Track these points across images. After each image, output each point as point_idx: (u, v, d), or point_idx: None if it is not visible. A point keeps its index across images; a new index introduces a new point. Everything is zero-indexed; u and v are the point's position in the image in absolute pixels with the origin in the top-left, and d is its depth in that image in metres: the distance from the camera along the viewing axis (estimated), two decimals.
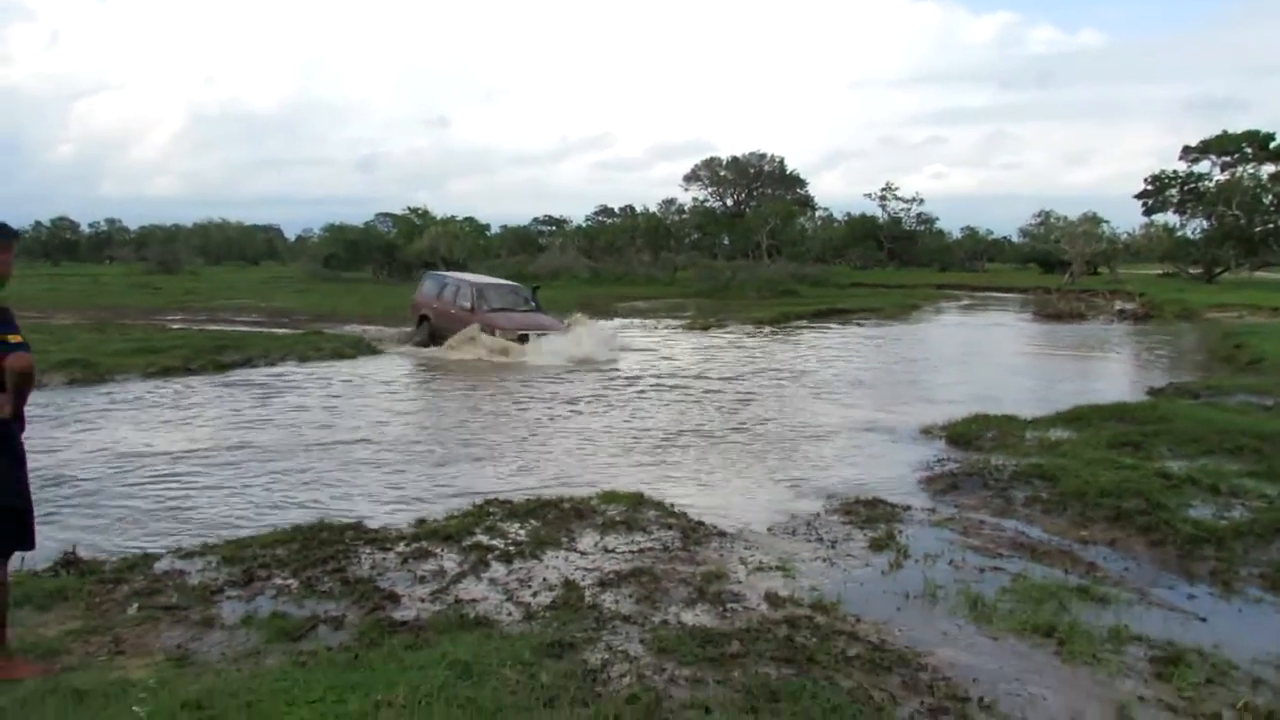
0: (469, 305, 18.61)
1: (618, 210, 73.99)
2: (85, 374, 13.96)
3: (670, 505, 7.15)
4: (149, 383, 13.93)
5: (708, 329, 25.84)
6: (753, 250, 60.00)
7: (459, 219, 58.19)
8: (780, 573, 5.70)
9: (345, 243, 51.07)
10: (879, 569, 5.87)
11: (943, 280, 55.72)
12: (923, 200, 74.63)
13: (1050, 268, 58.50)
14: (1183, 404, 11.69)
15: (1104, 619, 4.97)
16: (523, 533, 6.39)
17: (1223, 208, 48.39)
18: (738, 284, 42.37)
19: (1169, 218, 55.14)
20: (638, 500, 7.19)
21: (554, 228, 75.85)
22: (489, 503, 7.15)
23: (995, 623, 4.90)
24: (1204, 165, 53.30)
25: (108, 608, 4.96)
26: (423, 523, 6.66)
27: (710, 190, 73.22)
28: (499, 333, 17.48)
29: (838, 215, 74.35)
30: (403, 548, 6.01)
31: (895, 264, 68.48)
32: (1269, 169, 49.84)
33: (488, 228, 66.37)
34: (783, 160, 72.86)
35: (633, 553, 5.99)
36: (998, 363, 19.29)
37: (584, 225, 71.05)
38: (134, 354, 15.77)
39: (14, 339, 3.85)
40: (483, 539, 6.22)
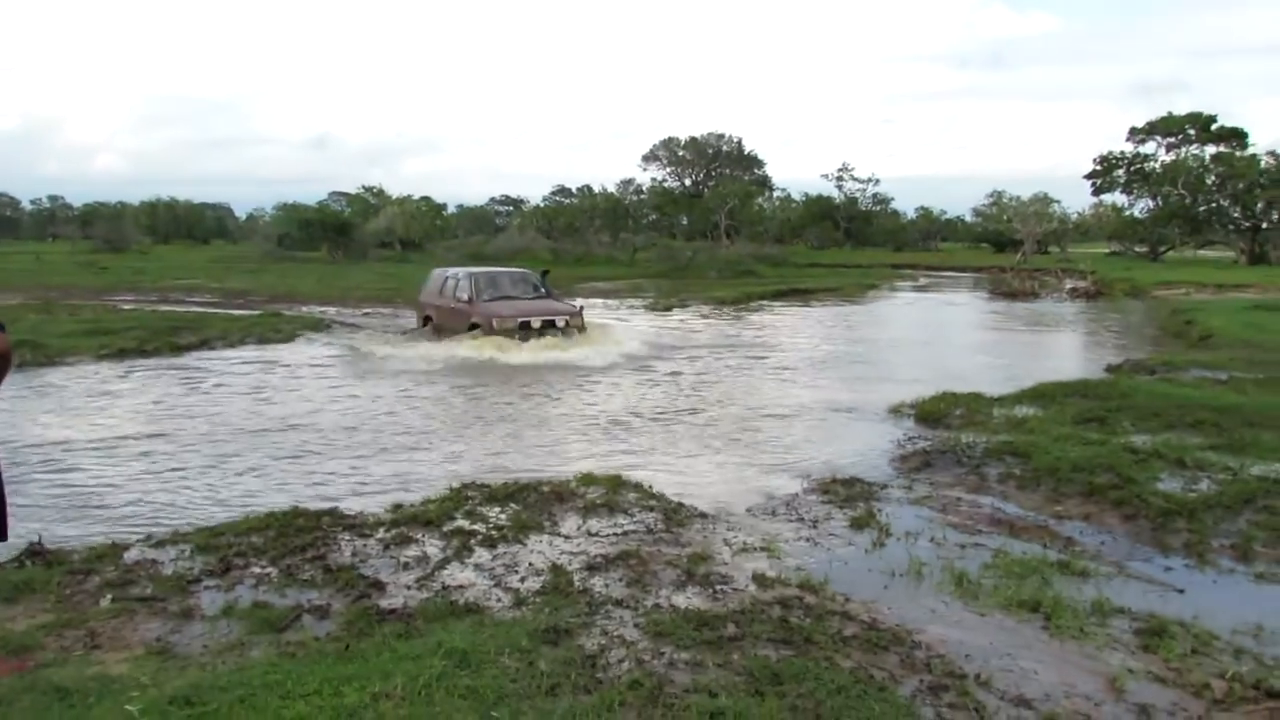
0: (466, 297, 16.50)
1: (575, 190, 73.62)
2: (35, 356, 13.50)
3: (649, 487, 7.12)
4: (102, 365, 13.52)
5: (669, 309, 25.82)
6: (711, 231, 60.09)
7: (415, 198, 57.37)
8: (765, 553, 5.71)
9: (299, 222, 50.10)
10: (862, 548, 5.90)
11: (898, 260, 56.40)
12: (878, 180, 75.39)
13: (1002, 247, 59.48)
14: (1141, 380, 11.94)
15: (1086, 593, 5.05)
16: (503, 517, 6.31)
17: (1168, 188, 49.52)
18: (697, 265, 42.43)
19: (1117, 197, 56.39)
20: (617, 483, 7.14)
21: (511, 208, 75.26)
22: (466, 486, 7.05)
23: (981, 599, 4.95)
24: (1150, 146, 54.58)
25: (79, 600, 4.80)
26: (400, 508, 6.54)
27: (669, 170, 73.18)
28: (497, 323, 15.51)
29: (795, 196, 74.70)
30: (383, 534, 5.91)
31: (851, 244, 69.09)
32: (1211, 150, 51.10)
33: (444, 207, 65.63)
34: (741, 141, 73.03)
35: (617, 535, 5.95)
36: (958, 341, 19.55)
37: (542, 205, 70.53)
38: (85, 335, 15.32)
39: None
40: (464, 524, 6.13)
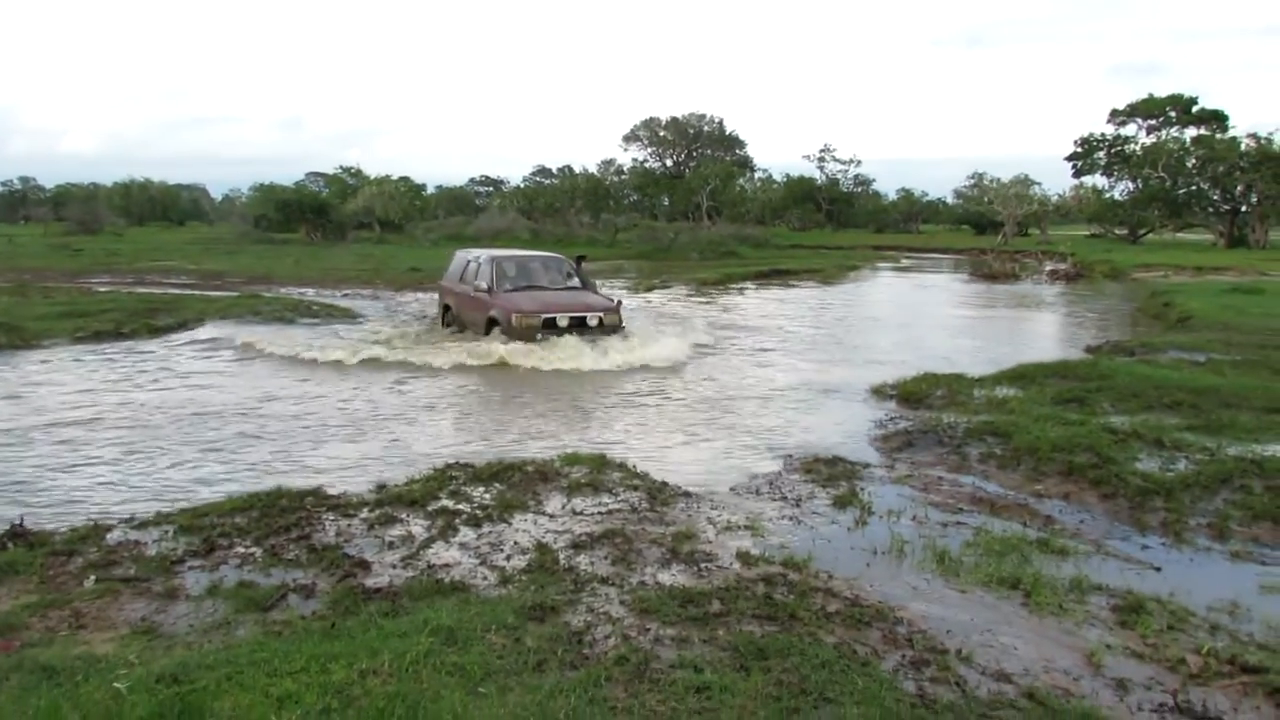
0: (486, 285, 14.04)
1: (556, 171, 73.22)
2: (10, 339, 13.33)
3: (633, 467, 7.14)
4: (79, 348, 13.37)
5: (651, 290, 25.80)
6: (693, 211, 59.99)
7: (394, 179, 56.87)
8: (749, 532, 5.75)
9: (276, 203, 49.57)
10: (845, 526, 5.95)
11: (879, 241, 56.53)
12: (860, 162, 75.47)
13: (983, 229, 59.80)
14: (1120, 361, 12.06)
15: (1065, 570, 5.13)
16: (488, 496, 6.31)
17: (1148, 170, 49.80)
18: (679, 246, 42.32)
19: (1097, 180, 56.66)
20: (601, 462, 7.16)
21: (491, 188, 74.79)
22: (450, 466, 7.05)
23: (962, 576, 5.02)
24: (1131, 128, 54.82)
25: (63, 581, 4.78)
26: (383, 488, 6.54)
27: (650, 151, 72.84)
28: (517, 319, 13.01)
29: (777, 177, 74.63)
30: (367, 514, 5.90)
31: (833, 226, 69.16)
32: (1191, 132, 51.43)
33: (423, 188, 65.08)
34: (722, 121, 72.77)
35: (601, 514, 5.97)
36: (940, 322, 19.66)
37: (522, 186, 70.11)
38: (61, 318, 15.12)
39: None
40: (448, 503, 6.14)
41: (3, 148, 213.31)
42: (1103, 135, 55.63)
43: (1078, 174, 57.16)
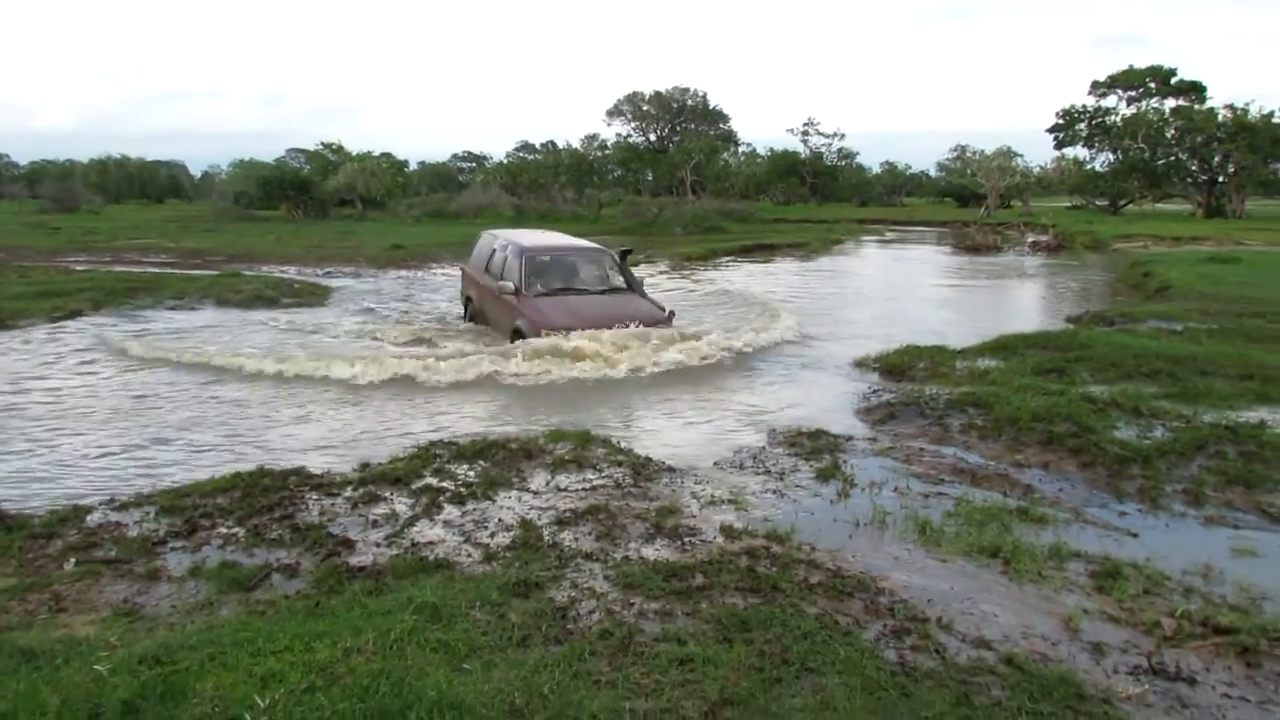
0: (513, 285, 11.75)
1: (539, 146, 72.67)
2: None
3: (617, 443, 7.16)
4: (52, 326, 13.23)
5: (636, 265, 25.73)
6: (677, 186, 59.75)
7: (375, 155, 56.34)
8: (732, 505, 5.78)
9: (257, 179, 49.05)
10: (828, 498, 5.99)
11: (863, 215, 56.44)
12: (844, 135, 75.18)
13: (966, 202, 59.82)
14: (1099, 331, 12.16)
15: (1044, 538, 5.19)
16: (472, 474, 6.32)
17: (1128, 141, 49.94)
18: (664, 221, 42.16)
19: (1079, 151, 56.76)
20: (585, 438, 7.17)
21: (474, 164, 74.20)
22: (434, 444, 7.05)
23: (944, 546, 5.07)
24: (1111, 100, 54.90)
25: (42, 564, 4.76)
26: (367, 466, 6.55)
27: (633, 125, 72.39)
28: (548, 334, 10.63)
29: (761, 151, 74.33)
30: (350, 492, 5.90)
31: (817, 199, 69.04)
32: (1170, 103, 51.57)
33: (405, 164, 64.51)
34: (705, 95, 72.35)
35: (586, 490, 5.99)
36: (923, 295, 19.72)
37: (505, 161, 69.55)
38: (38, 297, 14.94)
39: None
40: (432, 481, 6.14)
41: None
42: (1084, 107, 55.72)
43: (1059, 145, 57.24)
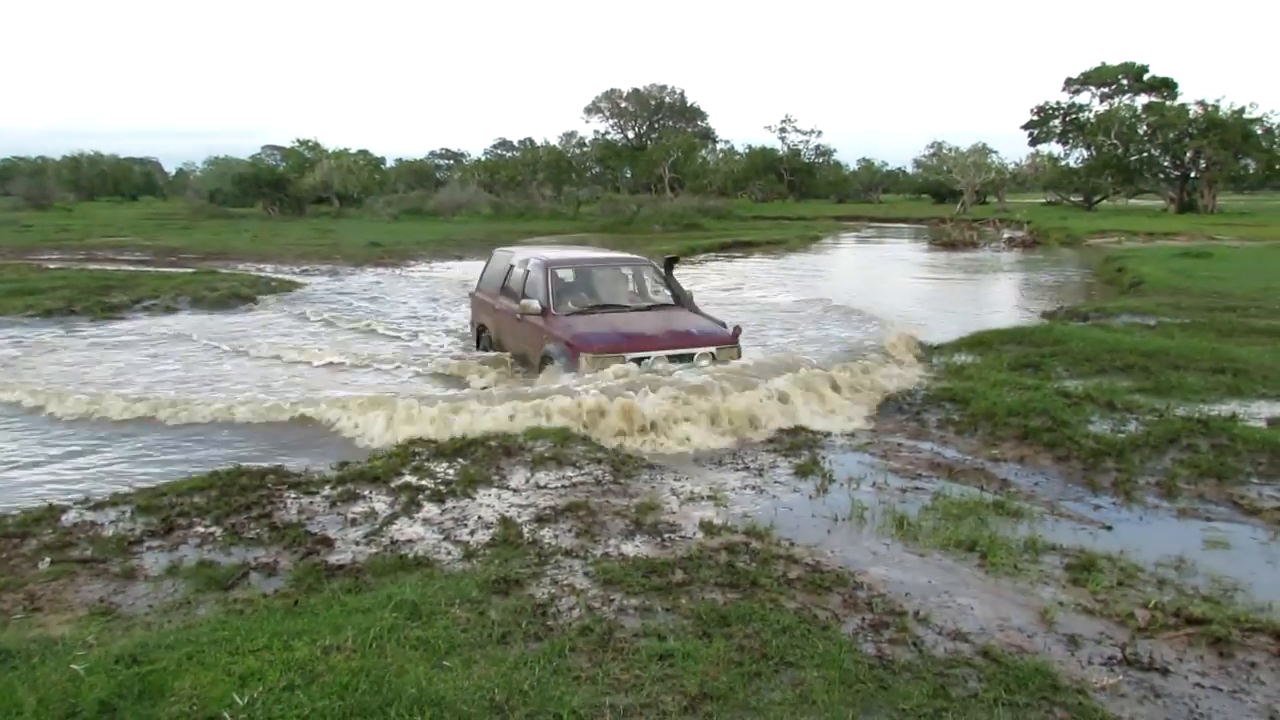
0: (539, 304, 9.57)
1: (517, 143, 72.47)
2: None
3: (597, 440, 7.15)
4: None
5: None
6: (655, 183, 59.80)
7: (352, 152, 55.99)
8: (712, 502, 5.80)
9: (232, 177, 48.64)
10: (806, 494, 6.02)
11: (841, 212, 56.81)
12: (820, 132, 75.45)
13: (942, 198, 60.36)
14: (1074, 326, 12.30)
15: (1020, 531, 5.25)
16: (451, 472, 6.30)
17: (1102, 137, 50.48)
18: (642, 218, 42.22)
19: (1053, 147, 57.32)
20: (564, 435, 7.15)
21: (452, 161, 73.90)
22: (413, 442, 7.02)
23: (921, 540, 5.11)
24: (1085, 96, 55.47)
25: (16, 563, 4.71)
26: (346, 465, 6.51)
27: (611, 123, 72.30)
28: (588, 361, 8.52)
29: (739, 148, 74.52)
30: (329, 491, 5.87)
31: (794, 196, 69.32)
32: (1143, 99, 52.17)
33: (383, 161, 64.17)
34: (683, 92, 72.40)
35: (565, 487, 5.98)
36: (900, 290, 19.87)
37: (483, 159, 69.33)
38: (9, 296, 14.77)
39: None
40: (411, 479, 6.11)
41: None
42: (1058, 103, 56.29)
43: (1034, 142, 57.82)
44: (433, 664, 3.44)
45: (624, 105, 71.50)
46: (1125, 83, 53.14)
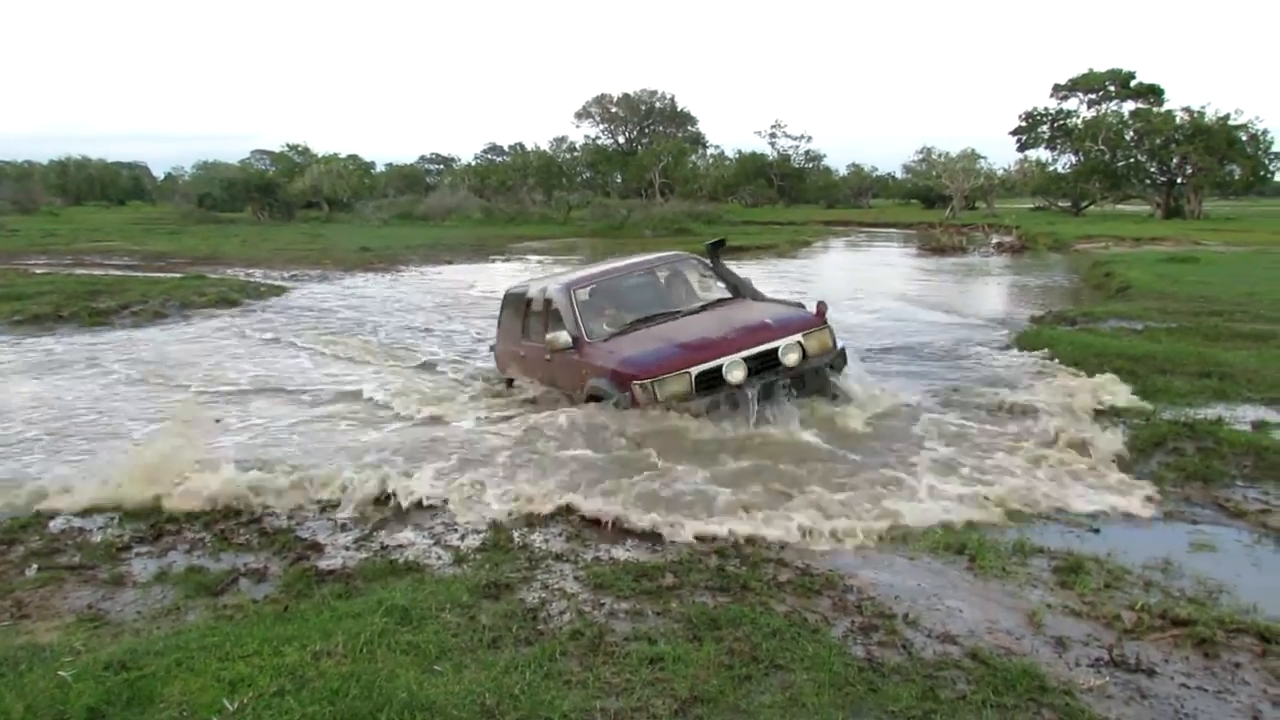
0: (569, 335, 7.88)
1: (507, 148, 72.51)
2: None
3: None
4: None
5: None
6: (646, 188, 59.89)
7: (342, 156, 55.93)
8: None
9: (221, 181, 48.54)
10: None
11: (831, 217, 56.91)
12: (810, 138, 75.73)
13: (932, 203, 60.51)
14: (1062, 330, 12.37)
15: (1008, 535, 5.27)
16: None
17: (1089, 143, 50.78)
18: (633, 223, 42.31)
19: (1041, 153, 57.63)
20: None
21: (442, 166, 73.89)
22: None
23: (910, 543, 5.13)
24: (1073, 103, 55.81)
25: (3, 570, 4.69)
26: None
27: (602, 127, 72.41)
28: (644, 392, 6.95)
29: (729, 153, 74.69)
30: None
31: (785, 201, 69.49)
32: (1130, 106, 52.54)
33: (372, 165, 64.13)
34: (674, 97, 72.59)
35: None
36: (891, 294, 19.93)
37: (473, 163, 69.34)
38: None
39: None
40: None
41: None
42: (1046, 109, 56.58)
43: (1022, 148, 58.07)
44: (423, 669, 3.44)
45: (614, 110, 71.64)
46: (1112, 89, 53.49)
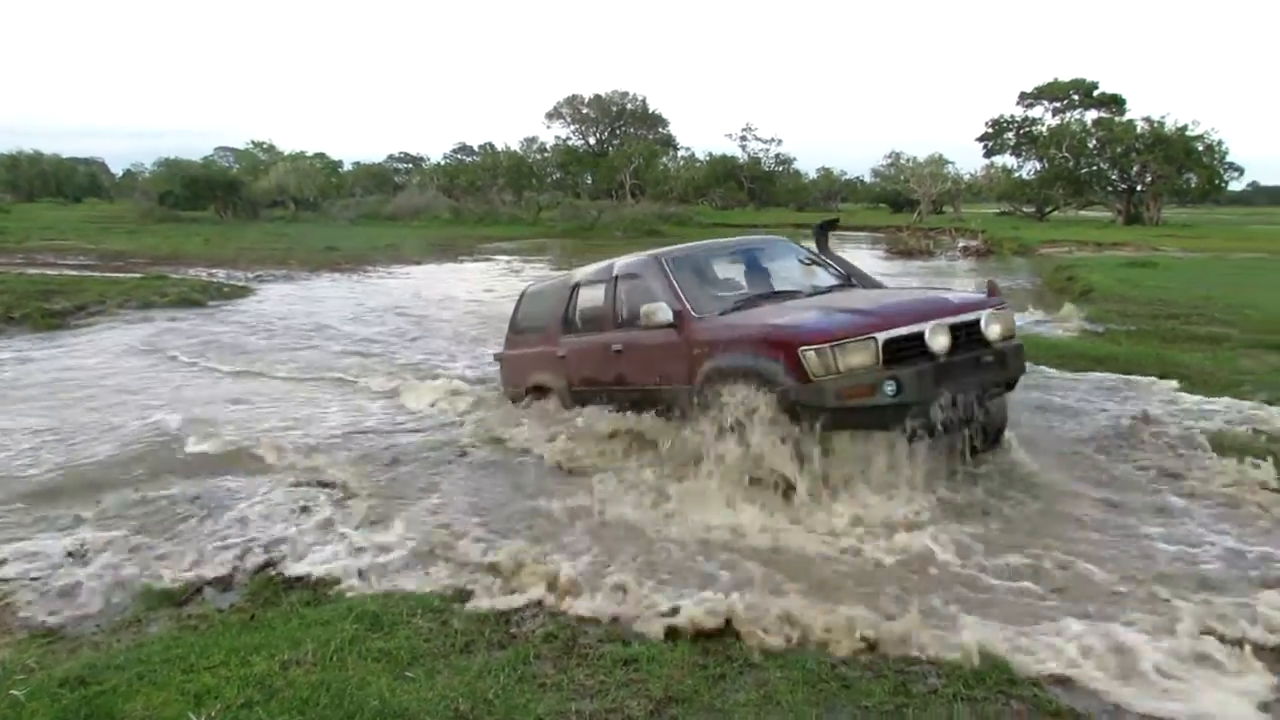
0: (668, 309, 5.99)
1: (477, 148, 72.14)
2: None
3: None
4: None
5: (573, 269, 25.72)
6: (616, 190, 59.87)
7: (309, 155, 55.31)
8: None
9: (183, 179, 47.70)
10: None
11: (801, 220, 57.11)
12: (780, 141, 76.10)
13: (899, 207, 61.19)
14: (1026, 333, 12.53)
15: None
16: None
17: (1053, 150, 51.68)
18: (603, 224, 42.29)
19: (1007, 159, 58.56)
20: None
21: (411, 165, 73.32)
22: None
23: None
24: (1038, 110, 56.79)
25: None
26: None
27: (573, 128, 72.28)
28: (818, 358, 4.99)
29: (700, 155, 74.89)
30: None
31: (755, 204, 69.81)
32: (1092, 115, 53.56)
33: (340, 164, 63.50)
34: (645, 99, 72.63)
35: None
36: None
37: (442, 163, 68.91)
38: None
39: None
40: None
41: None
42: (1012, 117, 57.55)
43: (988, 154, 59.06)
44: (395, 675, 3.40)
45: (586, 111, 71.54)
46: (1076, 98, 54.56)
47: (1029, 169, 56.23)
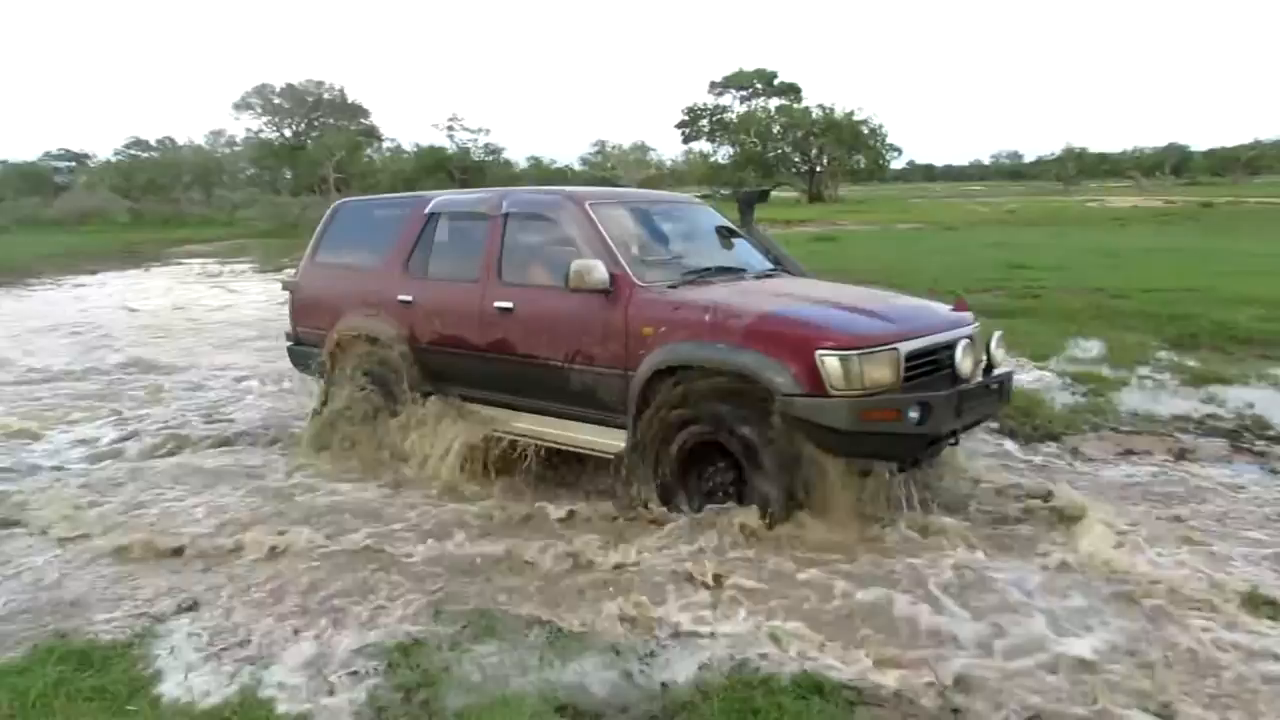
0: (601, 267, 4.65)
1: (155, 143, 65.26)
2: None
3: None
4: None
5: (281, 270, 24.12)
6: (319, 184, 56.70)
7: None
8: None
9: None
10: None
11: None
12: (489, 130, 75.86)
13: None
14: None
15: None
16: None
17: (744, 136, 56.04)
18: (308, 221, 39.80)
19: (704, 145, 62.59)
20: None
21: (74, 163, 64.84)
22: None
23: None
24: (727, 99, 61.17)
25: None
26: None
27: (265, 120, 67.41)
28: (842, 367, 4.01)
29: (407, 146, 72.78)
30: None
31: None
32: (775, 102, 58.67)
33: None
34: (343, 89, 69.30)
35: None
36: None
37: (114, 160, 61.58)
38: None
39: None
40: None
41: None
42: (705, 105, 61.52)
43: (686, 140, 62.77)
44: (114, 713, 3.07)
45: (278, 101, 66.92)
46: (760, 87, 59.42)
47: (724, 154, 60.55)
